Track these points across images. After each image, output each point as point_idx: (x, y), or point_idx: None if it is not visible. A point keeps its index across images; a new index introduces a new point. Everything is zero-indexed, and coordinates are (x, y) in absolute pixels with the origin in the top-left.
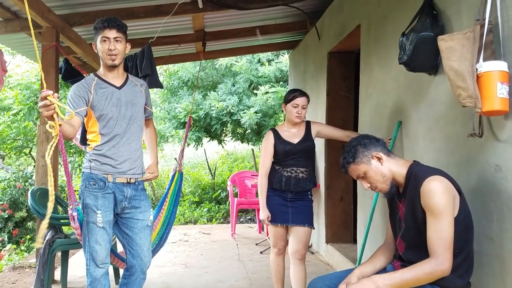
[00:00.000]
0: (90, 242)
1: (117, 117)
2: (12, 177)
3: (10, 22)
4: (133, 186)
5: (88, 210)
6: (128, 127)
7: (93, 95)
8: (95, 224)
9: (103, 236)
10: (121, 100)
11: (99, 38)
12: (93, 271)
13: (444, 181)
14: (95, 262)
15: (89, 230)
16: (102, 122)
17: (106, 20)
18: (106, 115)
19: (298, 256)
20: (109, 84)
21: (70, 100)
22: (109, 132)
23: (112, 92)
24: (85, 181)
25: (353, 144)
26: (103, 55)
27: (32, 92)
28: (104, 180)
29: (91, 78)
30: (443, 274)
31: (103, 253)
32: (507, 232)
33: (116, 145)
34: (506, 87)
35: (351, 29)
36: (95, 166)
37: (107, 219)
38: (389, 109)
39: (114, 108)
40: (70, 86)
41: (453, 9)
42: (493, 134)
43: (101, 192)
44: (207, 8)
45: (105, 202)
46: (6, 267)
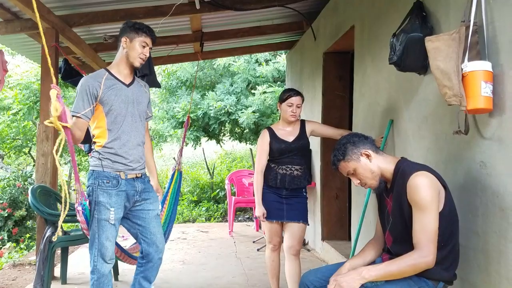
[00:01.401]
0: (100, 239)
1: (125, 114)
2: (11, 176)
3: (10, 23)
4: (141, 180)
5: (100, 208)
6: (134, 125)
7: (103, 89)
8: (108, 221)
9: (113, 233)
10: (129, 97)
11: (139, 41)
12: (101, 267)
13: (430, 176)
14: (104, 259)
15: (100, 227)
16: (110, 118)
17: (152, 31)
18: (115, 110)
19: (293, 252)
20: (118, 81)
21: (79, 96)
22: (117, 128)
23: (121, 88)
24: (98, 179)
25: (342, 142)
26: (134, 56)
27: (32, 92)
28: (117, 178)
29: (102, 73)
30: (426, 266)
31: (112, 249)
32: (492, 227)
33: (126, 143)
34: (490, 86)
35: (345, 30)
36: (107, 164)
37: (118, 216)
38: (381, 108)
39: (122, 104)
40: (70, 86)
41: (441, 11)
42: (478, 132)
43: (115, 189)
44: (205, 9)
45: (118, 199)
46: (6, 265)
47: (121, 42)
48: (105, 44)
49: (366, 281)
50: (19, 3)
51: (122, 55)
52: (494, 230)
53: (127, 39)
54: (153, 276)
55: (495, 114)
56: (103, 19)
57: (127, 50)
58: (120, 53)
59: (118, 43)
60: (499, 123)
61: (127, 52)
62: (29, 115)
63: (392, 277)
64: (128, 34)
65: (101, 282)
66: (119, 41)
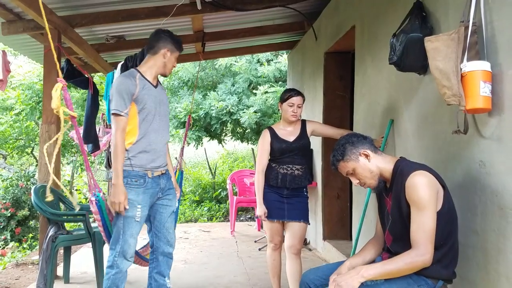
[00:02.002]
0: (125, 235)
1: (154, 113)
2: (14, 176)
3: (13, 24)
4: (165, 176)
5: (128, 205)
6: (161, 124)
7: (138, 88)
8: (134, 218)
9: (137, 231)
10: (157, 98)
11: (175, 55)
12: (121, 263)
13: (428, 175)
14: (125, 255)
15: (125, 224)
16: (142, 116)
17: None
18: (146, 109)
19: (294, 251)
20: (148, 82)
21: (119, 95)
22: (147, 127)
23: (151, 89)
24: (127, 178)
25: (341, 143)
26: (169, 67)
27: (34, 92)
28: (144, 177)
29: (134, 73)
30: (424, 265)
31: (134, 247)
32: (491, 225)
33: (154, 140)
34: (489, 86)
35: (346, 30)
36: (136, 163)
37: (144, 214)
38: (382, 108)
39: (152, 104)
40: (72, 86)
41: (441, 11)
42: (477, 131)
43: (142, 188)
44: (206, 10)
45: (145, 197)
46: (9, 264)
47: (161, 51)
48: (107, 45)
49: (365, 280)
50: (22, 4)
51: (160, 63)
52: (493, 228)
53: (169, 52)
54: (166, 271)
55: (494, 114)
56: (105, 19)
57: (165, 61)
58: (158, 61)
59: (155, 49)
60: (498, 123)
61: (165, 63)
62: (31, 115)
63: (391, 276)
64: (170, 46)
65: (117, 278)
66: (158, 48)
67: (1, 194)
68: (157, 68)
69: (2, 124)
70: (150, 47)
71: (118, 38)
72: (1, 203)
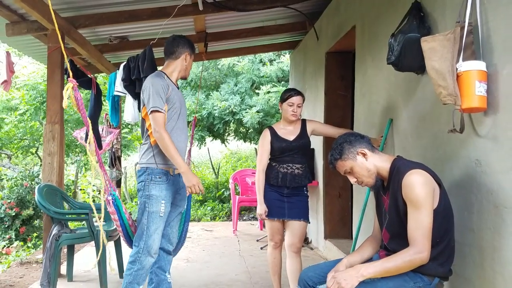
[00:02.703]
0: (149, 231)
1: (179, 112)
2: (19, 176)
3: (17, 25)
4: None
5: (152, 201)
6: (183, 123)
7: (170, 89)
8: (158, 213)
9: (161, 226)
10: (180, 98)
11: (193, 58)
12: (144, 259)
13: (424, 174)
14: (149, 251)
15: (150, 220)
16: (170, 115)
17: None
18: (175, 108)
19: (294, 249)
20: (172, 83)
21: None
22: (173, 125)
23: (176, 90)
24: (151, 175)
25: (339, 142)
26: (189, 70)
27: (38, 92)
28: (167, 174)
29: (163, 74)
30: (421, 262)
31: (158, 242)
32: (486, 223)
33: (177, 138)
34: (484, 86)
35: (347, 30)
36: (160, 161)
37: (167, 210)
38: (381, 107)
39: (178, 104)
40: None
41: (438, 11)
42: (473, 130)
43: (165, 184)
44: (208, 10)
45: (167, 193)
46: (13, 263)
47: (183, 55)
48: (111, 45)
49: (364, 278)
50: (26, 6)
51: (182, 67)
52: (488, 226)
53: (189, 56)
54: (167, 266)
55: (489, 113)
56: (108, 20)
57: (187, 65)
58: (180, 65)
59: (176, 54)
60: (493, 122)
61: (186, 67)
62: (36, 115)
63: (389, 274)
64: (190, 50)
65: (139, 274)
66: (179, 53)
67: (6, 194)
68: (179, 72)
69: (7, 124)
70: (171, 53)
71: (121, 38)
72: (6, 203)
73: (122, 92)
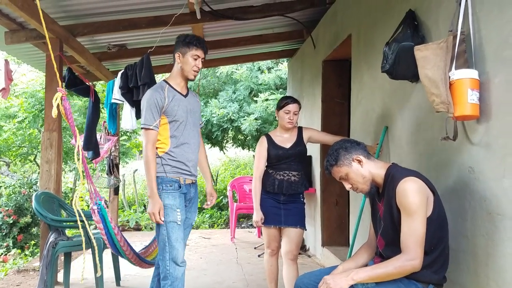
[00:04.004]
0: (170, 241)
1: (185, 123)
2: (17, 184)
3: (15, 33)
4: (194, 186)
5: (167, 211)
6: (193, 133)
7: (167, 101)
8: (176, 222)
9: (181, 234)
10: (187, 107)
11: (191, 54)
12: (174, 270)
13: (418, 181)
14: (176, 262)
15: (169, 230)
16: (173, 127)
17: (202, 42)
18: (178, 120)
19: (291, 257)
20: (177, 92)
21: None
22: (179, 136)
23: (181, 99)
24: (162, 184)
25: (335, 148)
26: (188, 69)
27: (37, 100)
28: (177, 182)
29: (163, 85)
30: (413, 269)
31: (183, 251)
32: (480, 230)
33: (186, 149)
34: (477, 94)
35: (343, 38)
36: (169, 170)
37: (183, 218)
38: (377, 115)
39: (183, 114)
40: (74, 94)
41: (432, 20)
42: (466, 138)
43: (177, 192)
44: (206, 19)
45: (181, 201)
46: (10, 270)
47: (175, 57)
48: (109, 53)
49: (354, 282)
50: (25, 14)
51: (178, 69)
52: (482, 233)
53: (180, 54)
54: None
55: (482, 121)
56: (107, 29)
57: (181, 65)
58: (176, 68)
59: (173, 58)
60: (486, 129)
61: (181, 67)
62: (34, 123)
63: (380, 279)
64: (180, 49)
65: (175, 286)
66: (174, 56)
67: (4, 201)
68: (178, 75)
69: (6, 131)
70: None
71: (119, 46)
72: (4, 210)
73: (120, 100)
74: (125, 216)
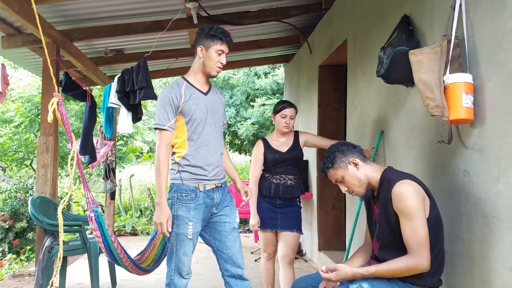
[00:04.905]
0: (178, 253)
1: (204, 123)
2: (13, 189)
3: (12, 37)
4: (220, 189)
5: (179, 222)
6: (213, 133)
7: (183, 99)
8: (186, 236)
9: (190, 248)
10: (208, 106)
11: (215, 48)
12: (178, 281)
13: (413, 184)
14: (181, 274)
15: (178, 241)
16: (191, 128)
17: (228, 36)
18: (195, 120)
19: (287, 260)
20: (196, 89)
21: (162, 109)
22: (197, 138)
23: (200, 97)
24: (177, 193)
25: (332, 151)
26: (211, 65)
27: (34, 104)
28: (196, 191)
29: (180, 82)
30: (421, 271)
31: (189, 264)
32: (475, 233)
33: (204, 152)
34: (471, 97)
35: (339, 44)
36: (186, 176)
37: (196, 231)
38: (372, 119)
39: (202, 113)
40: (70, 98)
41: (427, 25)
42: (461, 142)
43: (193, 203)
44: (202, 24)
45: (196, 213)
46: (6, 275)
47: (197, 50)
48: (106, 58)
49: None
50: (22, 19)
51: (199, 64)
52: (477, 236)
53: (203, 48)
54: None
55: (476, 124)
56: (104, 34)
57: (203, 60)
58: (197, 62)
59: (194, 51)
60: (480, 133)
61: (203, 62)
62: (30, 127)
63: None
64: (203, 42)
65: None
66: (195, 49)
67: (0, 206)
68: (199, 71)
69: (2, 136)
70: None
71: (116, 51)
72: (0, 215)
73: (117, 104)
74: (122, 221)
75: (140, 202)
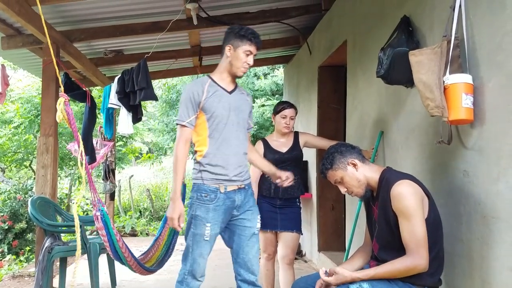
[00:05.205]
0: (193, 254)
1: (226, 121)
2: (12, 189)
3: (12, 38)
4: (243, 191)
5: (197, 222)
6: (236, 133)
7: (206, 95)
8: (202, 237)
9: (207, 250)
10: (231, 104)
11: (244, 49)
12: (191, 282)
13: (412, 184)
14: (194, 275)
15: (195, 242)
16: (212, 125)
17: (257, 37)
18: (217, 117)
19: (287, 261)
20: (221, 87)
21: (183, 104)
22: (218, 137)
23: (223, 95)
24: (197, 192)
25: (331, 152)
26: (238, 65)
27: (33, 105)
28: (216, 192)
29: (205, 79)
30: (419, 271)
31: (204, 266)
32: (475, 234)
33: (225, 151)
34: (471, 98)
35: (338, 44)
36: (206, 176)
37: (214, 233)
38: (372, 120)
39: (224, 111)
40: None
41: (427, 26)
42: (461, 142)
43: (212, 204)
44: (202, 25)
45: (215, 215)
46: (6, 276)
47: (225, 49)
48: (106, 59)
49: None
50: (22, 20)
51: (226, 63)
52: (477, 237)
53: (231, 47)
54: None
55: (476, 125)
56: (104, 34)
57: (230, 59)
58: (224, 61)
59: (222, 50)
60: (479, 134)
61: (230, 61)
62: (30, 128)
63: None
64: (232, 41)
65: None
66: (222, 48)
67: None
68: (225, 70)
69: (1, 137)
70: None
71: (116, 52)
72: None
73: (117, 105)
74: (121, 222)
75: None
